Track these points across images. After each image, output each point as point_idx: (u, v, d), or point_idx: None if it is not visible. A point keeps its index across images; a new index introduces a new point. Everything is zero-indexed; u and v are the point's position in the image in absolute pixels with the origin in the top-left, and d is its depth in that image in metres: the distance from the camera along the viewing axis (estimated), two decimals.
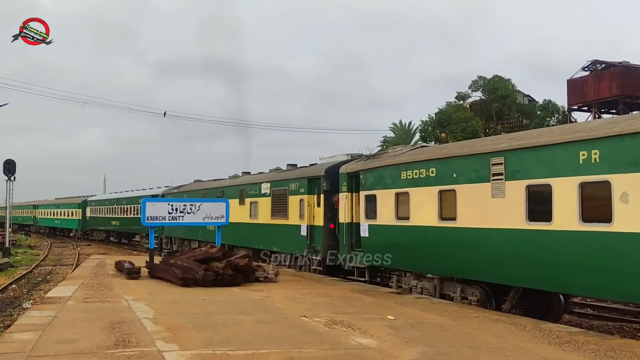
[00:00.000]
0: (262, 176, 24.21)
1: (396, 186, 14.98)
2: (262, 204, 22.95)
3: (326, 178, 18.63)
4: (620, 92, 40.22)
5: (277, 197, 21.66)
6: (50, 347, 8.02)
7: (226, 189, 26.96)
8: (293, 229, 20.19)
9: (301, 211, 19.82)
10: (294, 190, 20.44)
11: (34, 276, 25.25)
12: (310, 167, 20.85)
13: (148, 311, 11.18)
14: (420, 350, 8.20)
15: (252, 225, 23.77)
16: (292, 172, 21.63)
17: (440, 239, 13.47)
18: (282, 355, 7.71)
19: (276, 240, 21.67)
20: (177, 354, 7.67)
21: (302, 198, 19.79)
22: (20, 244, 45.49)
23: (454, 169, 13.14)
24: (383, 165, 15.81)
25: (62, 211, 62.54)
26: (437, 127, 49.05)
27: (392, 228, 15.16)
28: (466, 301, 13.02)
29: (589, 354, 8.18)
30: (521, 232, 11.24)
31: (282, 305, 12.16)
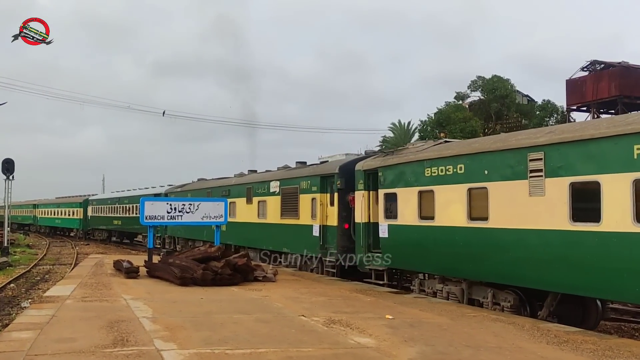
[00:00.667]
0: (271, 174, 23.40)
1: (419, 184, 14.16)
2: (271, 203, 22.16)
3: (340, 176, 17.81)
4: (619, 93, 40.25)
5: (287, 196, 20.89)
6: (49, 345, 8.02)
7: (232, 187, 26.23)
8: (304, 229, 19.45)
9: (313, 210, 19.11)
10: (306, 189, 19.70)
11: (33, 275, 25.24)
12: (322, 165, 20.01)
13: (146, 310, 11.18)
14: (418, 349, 8.21)
15: (261, 225, 22.99)
16: (303, 170, 20.75)
17: (469, 240, 12.63)
18: (281, 354, 7.72)
19: (286, 241, 20.89)
20: (175, 353, 7.67)
21: (314, 197, 19.07)
22: (18, 243, 45.43)
23: (486, 165, 12.28)
24: (404, 161, 14.92)
25: (63, 210, 61.93)
26: (436, 127, 49.04)
27: (415, 228, 14.32)
28: (498, 307, 12.16)
29: (587, 354, 8.19)
30: (564, 233, 10.41)
31: (281, 305, 12.16)
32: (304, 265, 19.93)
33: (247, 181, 25.05)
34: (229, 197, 25.34)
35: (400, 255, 15.04)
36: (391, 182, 15.36)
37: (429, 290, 14.35)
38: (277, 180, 21.80)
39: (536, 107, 51.86)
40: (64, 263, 31.00)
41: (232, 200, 25.07)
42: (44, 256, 35.58)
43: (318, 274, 18.55)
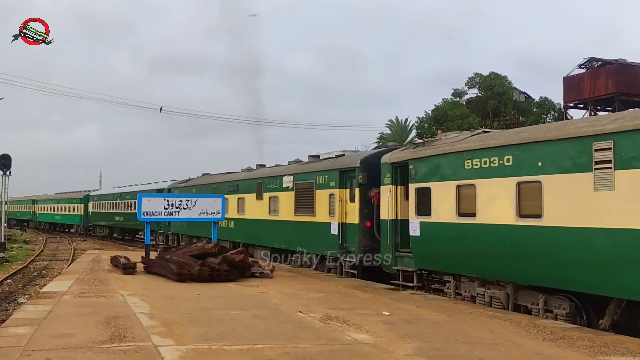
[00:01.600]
0: (283, 169, 22.18)
1: (458, 177, 12.88)
2: (284, 199, 20.86)
3: (362, 170, 16.55)
4: (616, 90, 40.29)
5: (302, 192, 19.65)
6: (46, 341, 8.03)
7: (241, 182, 25.08)
8: (321, 227, 18.21)
9: (331, 207, 17.81)
10: (322, 184, 18.41)
11: (30, 271, 25.23)
12: (341, 158, 18.63)
13: (144, 306, 11.19)
14: (415, 345, 8.23)
15: (272, 222, 21.73)
16: (319, 164, 19.36)
17: (517, 240, 11.35)
18: (278, 350, 7.74)
19: (301, 239, 19.62)
20: (172, 349, 7.69)
21: (332, 192, 17.80)
22: (15, 239, 45.39)
23: (539, 156, 10.97)
24: (440, 153, 13.60)
25: (63, 206, 60.72)
26: (434, 124, 49.11)
27: (452, 226, 13.03)
28: (550, 314, 10.99)
29: (583, 350, 8.23)
30: (638, 232, 9.23)
31: (278, 301, 12.19)
32: (319, 265, 18.87)
33: (258, 176, 23.75)
34: (237, 192, 24.59)
35: (433, 255, 13.86)
36: (424, 175, 14.08)
37: (466, 294, 13.09)
38: (290, 175, 20.61)
39: (533, 104, 51.92)
40: (61, 259, 30.99)
41: (241, 196, 24.45)
42: (41, 252, 35.55)
43: (336, 275, 17.47)
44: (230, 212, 24.50)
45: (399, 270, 15.03)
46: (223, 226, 24.99)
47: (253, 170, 25.81)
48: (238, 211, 24.64)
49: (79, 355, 7.30)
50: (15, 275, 23.03)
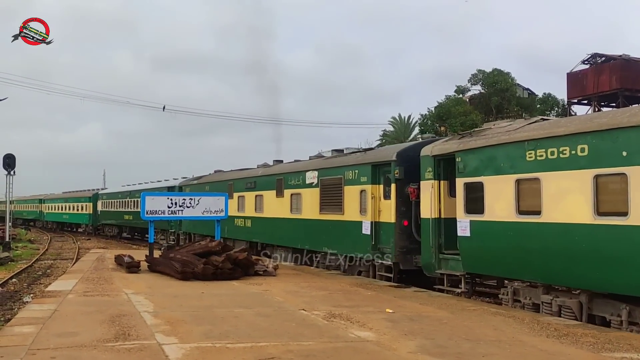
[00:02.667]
0: (306, 163, 20.77)
1: (517, 170, 11.45)
2: (308, 196, 19.37)
3: (399, 163, 15.08)
4: (620, 86, 40.22)
5: (328, 188, 18.14)
6: (51, 340, 8.07)
7: (259, 179, 23.53)
8: (351, 226, 16.74)
9: (362, 205, 16.38)
10: (352, 180, 16.90)
11: (34, 270, 25.30)
12: (374, 151, 17.50)
13: (148, 305, 11.23)
14: (418, 343, 8.24)
15: (294, 221, 20.21)
16: (348, 158, 17.81)
17: (595, 241, 9.98)
18: (281, 348, 7.76)
19: (327, 240, 18.08)
20: (176, 347, 7.72)
21: (364, 189, 16.32)
22: (20, 238, 45.52)
23: (624, 144, 9.50)
24: (494, 143, 12.19)
25: (71, 205, 59.14)
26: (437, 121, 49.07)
27: (511, 225, 11.59)
28: (635, 327, 9.70)
29: (587, 347, 8.23)
30: None
31: (281, 299, 12.21)
32: (348, 267, 17.35)
33: (278, 172, 22.19)
34: (255, 189, 23.37)
35: (486, 258, 12.37)
36: (475, 169, 12.66)
37: (527, 301, 11.70)
38: (314, 170, 19.09)
39: (537, 100, 51.82)
40: (65, 258, 31.06)
41: (259, 193, 23.18)
42: (46, 251, 35.66)
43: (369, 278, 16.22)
44: (247, 210, 23.86)
45: (442, 274, 13.75)
46: (239, 225, 24.46)
47: (272, 165, 24.31)
48: (256, 209, 23.39)
49: (84, 354, 7.34)
50: (20, 275, 23.11)
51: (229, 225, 24.66)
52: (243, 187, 24.50)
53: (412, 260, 14.93)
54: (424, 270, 14.40)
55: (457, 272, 13.28)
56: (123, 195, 45.52)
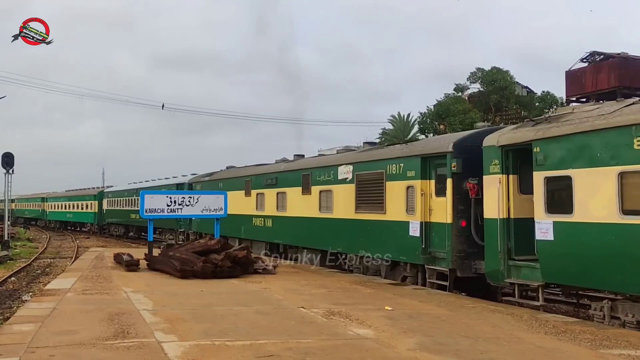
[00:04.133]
0: (339, 157, 18.99)
1: (621, 161, 9.61)
2: (340, 193, 17.59)
3: (456, 156, 13.34)
4: (618, 83, 40.19)
5: (366, 184, 16.34)
6: (50, 338, 8.07)
7: (281, 174, 21.70)
8: (394, 226, 14.96)
9: (409, 202, 14.56)
10: (396, 174, 15.05)
11: (33, 269, 25.31)
12: (423, 142, 15.66)
13: (147, 303, 11.24)
14: (417, 340, 8.26)
15: (324, 220, 18.45)
16: (392, 150, 15.92)
17: None
18: (281, 345, 7.77)
19: (364, 242, 16.23)
20: (176, 345, 7.73)
21: (411, 184, 14.47)
22: (19, 237, 45.51)
23: None
24: (587, 130, 10.36)
25: (76, 204, 57.50)
26: (436, 119, 49.07)
27: (611, 228, 9.73)
28: None
29: (585, 344, 8.25)
30: None
31: (281, 297, 12.22)
32: (390, 272, 15.51)
33: (304, 167, 20.38)
34: (276, 186, 21.76)
35: (575, 265, 10.51)
36: (560, 160, 10.81)
37: (629, 318, 9.99)
38: (349, 164, 17.27)
39: (536, 98, 51.83)
40: (64, 256, 31.08)
41: (282, 190, 21.43)
42: (45, 250, 35.66)
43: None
44: (268, 209, 22.37)
45: (512, 284, 11.84)
46: (258, 225, 23.07)
47: (294, 160, 22.61)
48: (277, 208, 21.64)
49: (83, 352, 7.35)
50: (19, 273, 23.12)
51: (247, 225, 23.82)
52: (262, 184, 22.91)
53: (470, 267, 13.18)
54: (488, 279, 12.54)
55: (534, 282, 11.32)
56: (129, 193, 43.79)
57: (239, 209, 24.25)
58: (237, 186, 24.78)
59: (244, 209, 24.18)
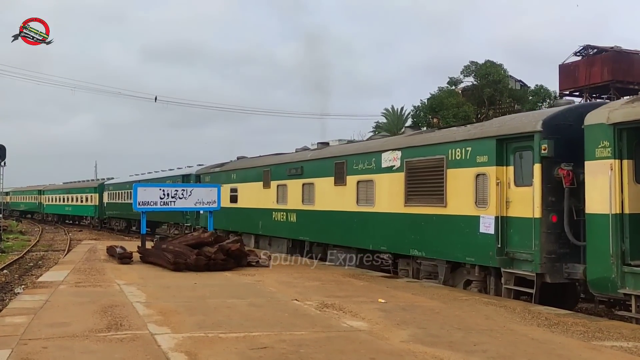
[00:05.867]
0: (382, 142, 16.50)
1: None
2: (385, 183, 15.27)
3: (546, 136, 11.01)
4: (611, 77, 40.36)
5: (419, 172, 14.08)
6: (43, 330, 8.05)
7: (308, 163, 19.47)
8: (459, 222, 12.75)
9: (478, 194, 12.32)
10: (461, 160, 12.79)
11: (26, 261, 25.22)
12: (499, 120, 13.17)
13: (140, 295, 11.21)
14: (410, 332, 8.28)
15: (362, 215, 16.17)
16: (456, 132, 13.60)
17: None
18: (274, 337, 7.77)
19: (417, 240, 13.98)
20: (169, 337, 7.71)
21: (482, 172, 12.19)
22: (11, 230, 45.33)
23: None
24: None
25: (75, 196, 55.31)
26: (429, 113, 49.10)
27: None
28: None
29: (577, 335, 8.29)
30: None
31: (274, 289, 12.22)
32: (450, 276, 13.37)
33: (337, 154, 17.99)
34: (302, 176, 19.52)
35: None
36: None
37: None
38: (396, 149, 14.94)
39: (529, 92, 51.92)
40: (57, 249, 30.99)
41: (308, 181, 19.15)
42: (37, 242, 35.54)
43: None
44: (291, 202, 20.08)
45: (627, 295, 9.71)
46: (280, 220, 20.82)
47: (326, 147, 20.18)
48: (303, 201, 19.37)
49: (76, 344, 7.32)
50: (11, 266, 23.03)
51: (265, 220, 21.65)
52: (285, 174, 20.60)
53: (562, 271, 10.99)
54: (591, 288, 10.42)
55: None
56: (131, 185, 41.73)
57: (256, 203, 22.58)
58: (253, 177, 22.84)
59: (262, 202, 22.11)
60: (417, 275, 14.33)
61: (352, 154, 17.13)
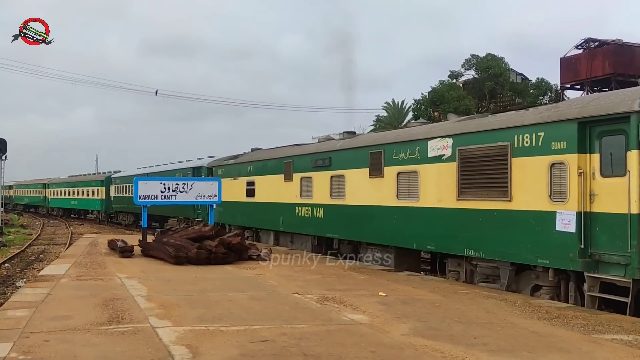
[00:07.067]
0: (428, 128, 15.08)
1: None
2: (432, 174, 13.74)
3: None
4: (613, 71, 40.25)
5: (476, 162, 12.51)
6: (44, 323, 8.07)
7: (337, 154, 17.86)
8: (528, 218, 11.19)
9: (554, 185, 10.71)
10: (532, 147, 11.17)
11: (27, 255, 25.27)
12: (578, 101, 11.91)
13: (141, 289, 11.24)
14: (411, 325, 8.30)
15: (404, 210, 14.62)
16: (524, 115, 11.80)
17: None
18: (275, 330, 7.79)
19: (474, 238, 12.44)
20: (170, 330, 7.73)
21: (560, 160, 10.57)
22: (12, 224, 45.38)
23: None
24: None
25: (80, 190, 54.28)
26: (430, 106, 49.04)
27: None
28: None
29: (578, 329, 8.31)
30: None
31: (275, 283, 12.24)
32: (515, 279, 11.88)
33: (372, 143, 16.42)
34: (330, 168, 17.94)
35: None
36: None
37: None
38: (445, 137, 13.40)
39: (530, 85, 51.83)
40: (58, 243, 31.04)
41: (337, 173, 17.61)
42: (39, 236, 35.59)
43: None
44: (317, 195, 18.58)
45: None
46: (304, 216, 19.33)
47: (355, 136, 18.94)
48: (332, 194, 17.84)
49: (77, 337, 7.34)
50: (13, 259, 23.07)
51: (287, 215, 20.26)
52: (309, 166, 19.07)
53: None
54: None
55: None
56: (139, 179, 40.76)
57: (275, 197, 21.16)
58: (272, 169, 21.32)
59: (282, 196, 20.66)
60: (470, 279, 13.03)
61: (390, 143, 15.43)
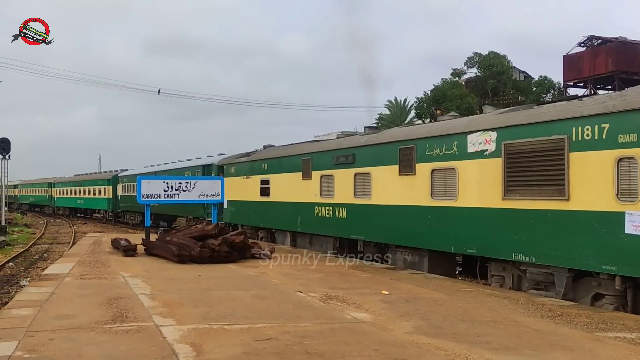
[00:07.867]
0: (467, 121, 13.71)
1: None
2: (471, 171, 12.52)
3: None
4: (616, 68, 40.17)
5: (526, 157, 11.20)
6: (49, 322, 8.10)
7: (361, 150, 16.58)
8: (592, 219, 9.95)
9: (622, 183, 9.47)
10: (593, 140, 9.89)
11: (31, 254, 25.33)
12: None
13: (145, 287, 11.27)
14: (414, 323, 8.31)
15: (440, 211, 13.43)
16: (582, 105, 10.42)
17: None
18: (278, 329, 7.81)
19: (523, 241, 11.21)
20: (174, 329, 7.75)
21: (629, 155, 9.33)
22: (16, 223, 45.49)
23: None
24: None
25: (87, 189, 53.54)
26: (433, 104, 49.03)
27: None
28: None
29: (581, 327, 8.30)
30: None
31: (278, 281, 12.26)
32: (572, 286, 10.67)
33: (402, 138, 14.98)
34: (354, 165, 16.74)
35: None
36: None
37: None
38: (488, 130, 12.15)
39: (533, 83, 51.77)
40: (62, 242, 31.11)
41: (362, 171, 16.36)
42: (42, 235, 35.68)
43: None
44: (339, 195, 17.44)
45: None
46: (324, 216, 18.24)
47: (381, 131, 17.77)
48: (356, 193, 16.60)
49: (82, 336, 7.37)
50: (16, 259, 23.14)
51: (306, 215, 19.22)
52: (330, 163, 17.94)
53: None
54: None
55: None
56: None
57: (293, 196, 20.15)
58: (289, 167, 20.31)
59: (301, 195, 19.59)
60: (518, 285, 11.82)
61: (424, 137, 14.17)
